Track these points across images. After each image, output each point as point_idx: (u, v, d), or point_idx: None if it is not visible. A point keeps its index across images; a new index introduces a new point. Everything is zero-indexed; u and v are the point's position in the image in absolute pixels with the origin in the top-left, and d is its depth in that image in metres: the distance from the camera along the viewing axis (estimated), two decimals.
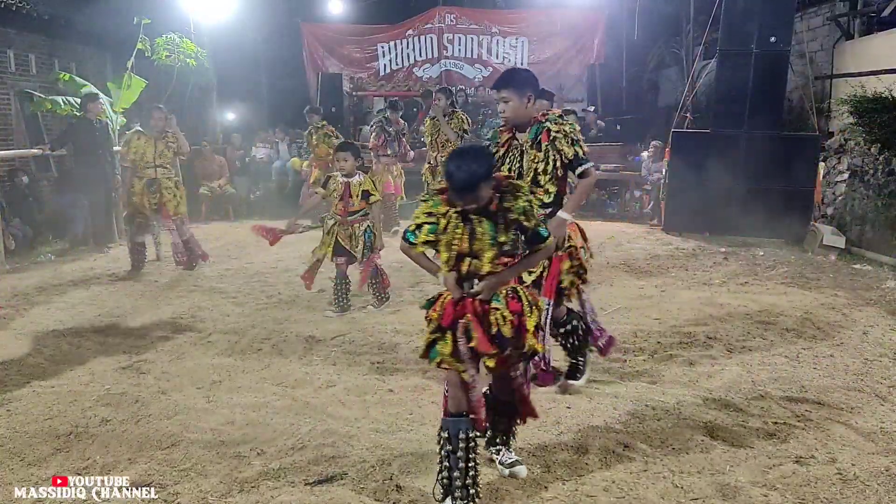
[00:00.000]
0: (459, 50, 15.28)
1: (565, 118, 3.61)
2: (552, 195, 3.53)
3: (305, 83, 14.83)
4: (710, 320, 5.20)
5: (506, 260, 2.65)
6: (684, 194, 8.72)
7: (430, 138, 8.07)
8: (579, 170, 3.48)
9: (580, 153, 3.46)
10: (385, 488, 2.81)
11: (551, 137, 3.45)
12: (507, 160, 3.59)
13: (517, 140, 3.58)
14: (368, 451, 3.12)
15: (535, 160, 3.49)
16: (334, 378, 4.04)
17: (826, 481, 2.88)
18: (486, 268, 2.61)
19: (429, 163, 8.18)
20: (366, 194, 5.38)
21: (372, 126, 9.72)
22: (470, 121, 7.89)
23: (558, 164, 3.47)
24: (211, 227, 10.20)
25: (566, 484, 2.83)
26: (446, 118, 7.82)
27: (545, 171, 3.48)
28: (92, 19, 10.12)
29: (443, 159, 7.51)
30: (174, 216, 6.91)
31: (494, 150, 3.61)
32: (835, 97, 9.42)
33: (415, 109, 13.36)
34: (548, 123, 3.47)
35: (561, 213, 3.51)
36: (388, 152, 8.96)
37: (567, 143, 3.44)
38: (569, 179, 3.64)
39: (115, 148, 8.33)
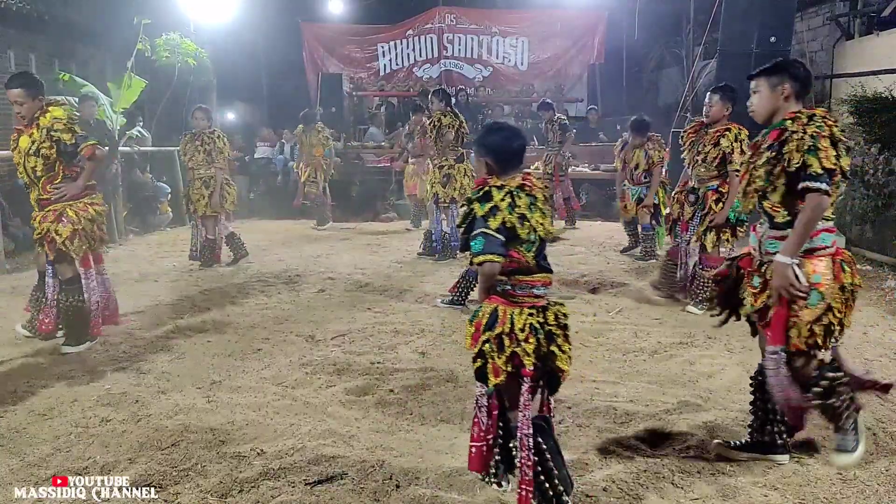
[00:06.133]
0: (459, 50, 15.30)
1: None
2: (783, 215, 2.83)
3: (305, 83, 14.84)
4: (711, 320, 5.20)
5: None
6: None
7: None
8: (801, 185, 2.69)
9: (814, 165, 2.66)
10: (385, 488, 2.80)
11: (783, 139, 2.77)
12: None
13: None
14: (368, 451, 3.12)
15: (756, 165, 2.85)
16: (334, 378, 4.04)
17: (826, 481, 2.87)
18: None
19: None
20: None
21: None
22: (465, 121, 7.78)
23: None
24: None
25: None
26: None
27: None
28: (92, 19, 10.13)
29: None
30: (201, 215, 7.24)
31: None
32: (835, 97, 9.41)
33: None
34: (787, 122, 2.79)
35: (779, 256, 2.76)
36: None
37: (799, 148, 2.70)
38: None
39: (124, 148, 8.29)
